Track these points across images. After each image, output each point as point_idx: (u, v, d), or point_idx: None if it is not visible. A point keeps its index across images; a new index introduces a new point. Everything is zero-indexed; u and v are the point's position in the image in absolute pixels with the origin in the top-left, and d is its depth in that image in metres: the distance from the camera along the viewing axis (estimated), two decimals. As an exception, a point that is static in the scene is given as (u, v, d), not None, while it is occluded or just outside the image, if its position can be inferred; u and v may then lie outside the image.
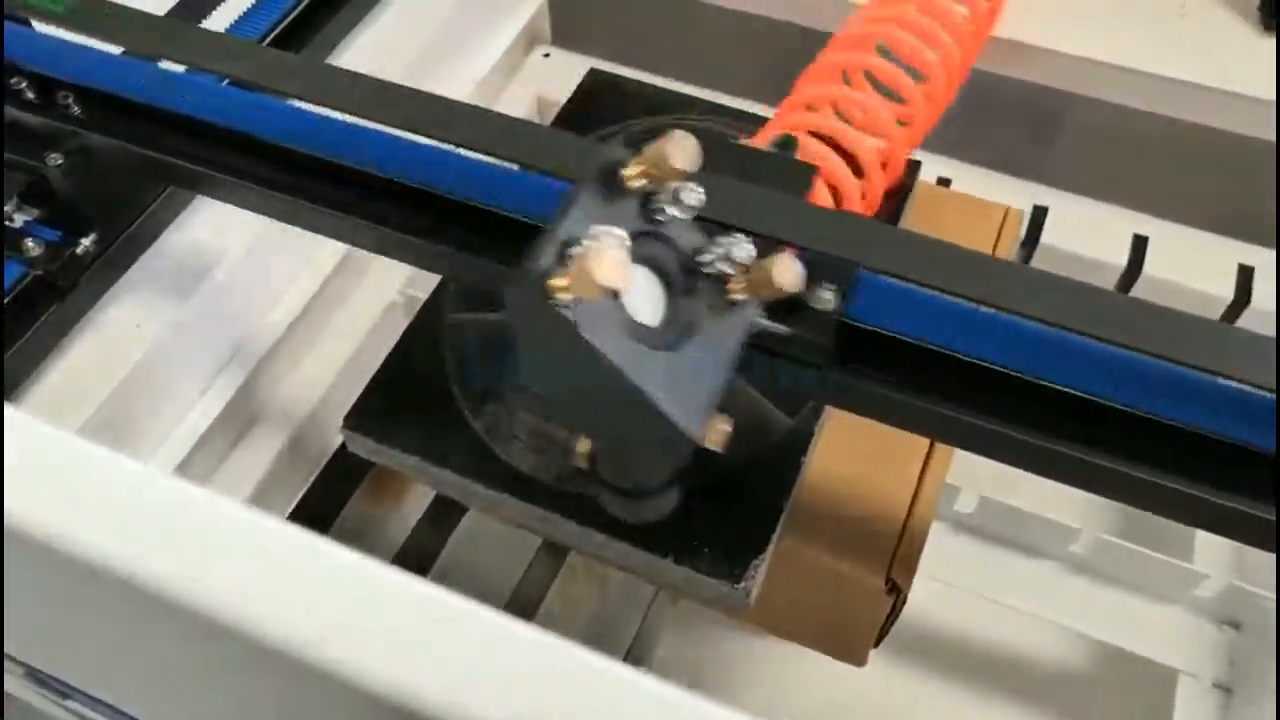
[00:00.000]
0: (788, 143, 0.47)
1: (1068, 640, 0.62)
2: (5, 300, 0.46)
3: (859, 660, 0.50)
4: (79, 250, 0.47)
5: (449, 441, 0.46)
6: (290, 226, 0.42)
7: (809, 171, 0.43)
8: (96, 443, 0.28)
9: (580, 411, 0.37)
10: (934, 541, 0.54)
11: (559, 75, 0.77)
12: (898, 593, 0.45)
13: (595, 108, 0.60)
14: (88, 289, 0.49)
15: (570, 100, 0.60)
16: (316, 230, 0.42)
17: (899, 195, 0.54)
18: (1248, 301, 0.65)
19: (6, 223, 0.45)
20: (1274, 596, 0.55)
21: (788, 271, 0.34)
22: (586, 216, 0.32)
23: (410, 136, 0.40)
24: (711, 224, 0.36)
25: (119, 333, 0.51)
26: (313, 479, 0.57)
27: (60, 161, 0.43)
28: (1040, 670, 0.63)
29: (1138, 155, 0.74)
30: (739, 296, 0.35)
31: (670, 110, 0.59)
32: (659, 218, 0.34)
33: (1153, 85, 0.64)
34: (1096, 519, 0.70)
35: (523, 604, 0.58)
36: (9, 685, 0.49)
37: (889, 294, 0.36)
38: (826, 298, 0.36)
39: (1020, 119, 0.78)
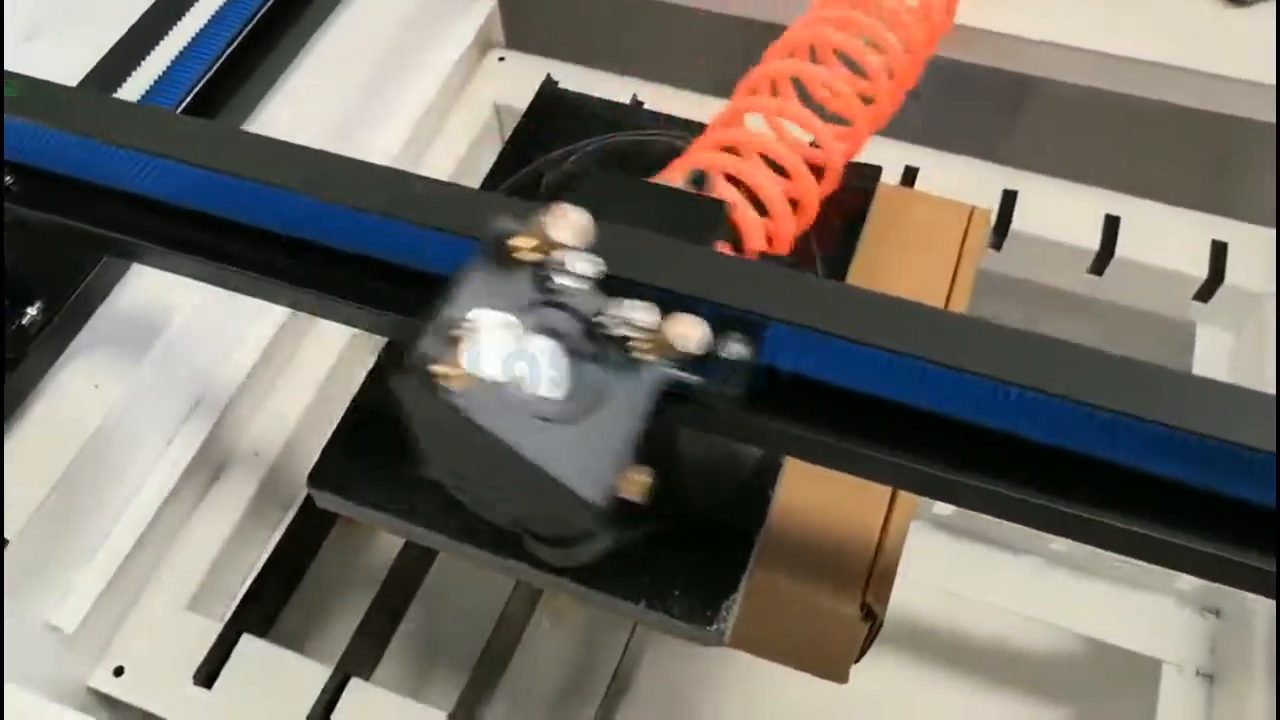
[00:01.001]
0: (698, 180, 0.46)
1: (1051, 635, 0.62)
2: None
3: (840, 678, 0.50)
4: (24, 320, 0.46)
5: (414, 495, 0.45)
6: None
7: (718, 210, 0.43)
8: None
9: (490, 484, 0.37)
10: (915, 541, 0.54)
11: (515, 79, 0.75)
12: (874, 618, 0.45)
13: (549, 125, 0.59)
14: (38, 357, 0.48)
15: (524, 118, 0.59)
16: (253, 294, 0.42)
17: (859, 203, 0.54)
18: (1221, 278, 0.65)
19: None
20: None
21: (692, 333, 0.34)
22: (476, 293, 0.32)
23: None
24: (613, 284, 0.35)
25: (77, 396, 0.50)
26: (287, 523, 0.57)
27: (-5, 236, 0.42)
28: (1024, 665, 0.64)
29: (1108, 135, 0.73)
30: (646, 357, 0.34)
31: (624, 125, 0.58)
32: (552, 288, 0.33)
33: (1120, 66, 0.63)
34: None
35: (512, 620, 0.58)
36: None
37: (800, 343, 0.35)
38: (737, 350, 0.35)
39: (988, 104, 0.77)
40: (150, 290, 0.53)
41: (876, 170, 0.55)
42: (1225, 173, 0.69)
